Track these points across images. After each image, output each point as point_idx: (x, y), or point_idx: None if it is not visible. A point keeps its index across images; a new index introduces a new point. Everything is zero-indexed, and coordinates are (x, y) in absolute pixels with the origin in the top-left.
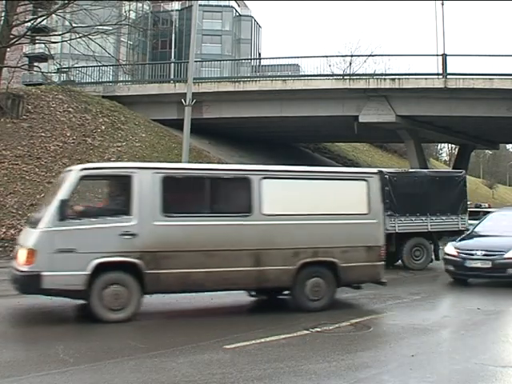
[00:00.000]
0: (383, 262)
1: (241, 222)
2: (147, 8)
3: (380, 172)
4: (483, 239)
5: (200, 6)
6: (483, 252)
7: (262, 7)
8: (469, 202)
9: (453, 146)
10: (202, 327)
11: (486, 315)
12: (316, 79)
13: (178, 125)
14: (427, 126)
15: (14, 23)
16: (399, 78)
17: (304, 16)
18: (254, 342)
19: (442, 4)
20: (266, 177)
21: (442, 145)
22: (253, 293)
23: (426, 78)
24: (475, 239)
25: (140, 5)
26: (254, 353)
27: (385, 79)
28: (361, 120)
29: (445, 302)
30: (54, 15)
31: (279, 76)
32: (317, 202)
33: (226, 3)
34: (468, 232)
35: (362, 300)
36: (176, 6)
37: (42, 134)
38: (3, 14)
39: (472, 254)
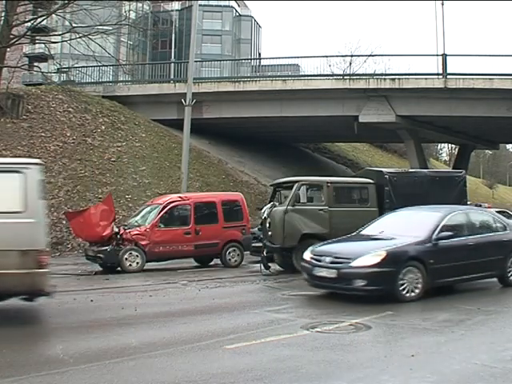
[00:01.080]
0: (46, 270)
1: None
2: (147, 8)
3: (380, 172)
4: (342, 243)
5: (200, 6)
6: (331, 259)
7: (262, 7)
8: (469, 202)
9: (453, 146)
10: (202, 327)
11: (486, 315)
12: (316, 79)
13: (178, 125)
14: (427, 126)
15: (14, 23)
16: (399, 78)
17: (304, 16)
18: (253, 342)
19: (442, 4)
20: None
21: (442, 145)
22: None
23: (425, 78)
24: (337, 243)
25: (140, 5)
26: (254, 353)
27: (385, 79)
28: (361, 120)
29: (444, 302)
30: (54, 15)
31: (279, 76)
32: None
33: (226, 3)
34: (353, 233)
35: (362, 300)
36: (176, 5)
37: (42, 134)
38: (3, 14)
39: (320, 261)
